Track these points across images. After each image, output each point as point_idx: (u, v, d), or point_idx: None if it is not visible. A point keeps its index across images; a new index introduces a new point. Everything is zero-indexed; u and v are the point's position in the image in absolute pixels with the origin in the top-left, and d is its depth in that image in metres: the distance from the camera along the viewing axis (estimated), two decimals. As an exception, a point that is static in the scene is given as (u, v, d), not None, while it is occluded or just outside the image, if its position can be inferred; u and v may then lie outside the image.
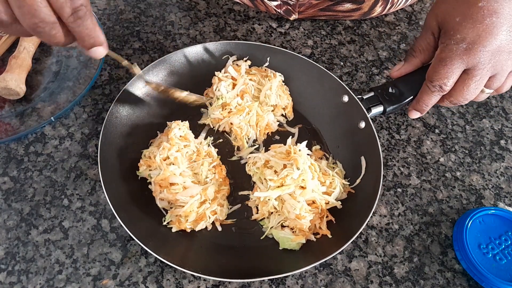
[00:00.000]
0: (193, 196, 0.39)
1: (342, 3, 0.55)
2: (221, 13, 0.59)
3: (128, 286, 0.37)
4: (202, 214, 0.39)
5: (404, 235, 0.42)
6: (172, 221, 0.39)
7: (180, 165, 0.40)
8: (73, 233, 0.40)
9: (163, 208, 0.40)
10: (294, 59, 0.49)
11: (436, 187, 0.46)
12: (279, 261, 0.38)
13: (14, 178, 0.43)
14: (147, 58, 0.53)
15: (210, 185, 0.40)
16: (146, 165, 0.41)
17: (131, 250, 0.39)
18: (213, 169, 0.42)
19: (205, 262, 0.37)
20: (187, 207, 0.38)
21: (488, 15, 0.37)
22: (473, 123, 0.51)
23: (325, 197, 0.40)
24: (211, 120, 0.47)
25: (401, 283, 0.39)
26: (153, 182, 0.40)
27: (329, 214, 0.41)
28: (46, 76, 0.50)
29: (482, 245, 0.40)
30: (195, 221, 0.39)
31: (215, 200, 0.40)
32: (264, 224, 0.41)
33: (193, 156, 0.42)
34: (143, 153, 0.42)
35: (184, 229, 0.39)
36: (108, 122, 0.42)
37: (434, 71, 0.40)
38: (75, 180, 0.43)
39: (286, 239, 0.39)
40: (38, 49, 0.51)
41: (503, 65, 0.39)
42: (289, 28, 0.58)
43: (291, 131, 0.48)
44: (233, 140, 0.47)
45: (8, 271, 0.37)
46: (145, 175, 0.41)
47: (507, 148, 0.49)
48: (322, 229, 0.40)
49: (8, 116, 0.46)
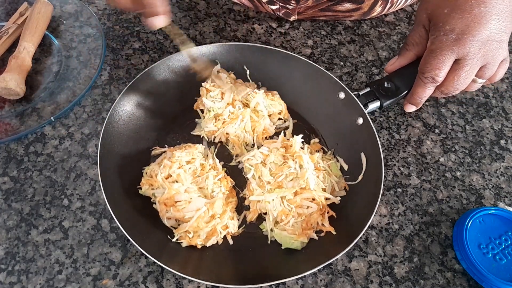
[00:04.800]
0: (199, 209, 0.38)
1: (342, 3, 0.55)
2: (221, 13, 0.59)
3: (128, 286, 0.37)
4: (213, 230, 0.38)
5: (404, 235, 0.42)
6: (181, 237, 0.38)
7: (184, 182, 0.39)
8: (73, 233, 0.40)
9: (172, 226, 0.39)
10: (287, 58, 0.48)
11: (436, 187, 0.46)
12: (283, 264, 0.38)
13: (14, 178, 0.43)
14: (147, 58, 0.53)
15: (217, 199, 0.39)
16: (148, 184, 0.40)
17: (131, 250, 0.39)
18: (219, 182, 0.41)
19: (218, 269, 0.37)
20: (193, 221, 0.37)
21: (476, 5, 0.36)
22: (473, 123, 0.51)
23: (324, 194, 0.40)
24: (205, 133, 0.46)
25: (401, 283, 0.39)
26: (157, 202, 0.39)
27: (329, 210, 0.40)
28: (46, 76, 0.50)
29: (482, 245, 0.40)
30: (206, 238, 0.38)
31: (224, 214, 0.39)
32: (264, 227, 0.41)
33: (197, 170, 0.41)
34: (144, 171, 0.41)
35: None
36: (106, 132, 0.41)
37: (425, 63, 0.40)
38: (75, 180, 0.43)
39: (288, 238, 0.39)
40: (38, 49, 0.51)
41: (494, 54, 0.38)
42: (289, 28, 0.58)
43: (287, 125, 0.48)
44: (231, 149, 0.46)
45: (8, 271, 0.37)
46: (148, 194, 0.40)
47: (507, 148, 0.49)
48: (325, 226, 0.39)
49: (8, 116, 0.46)
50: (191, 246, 0.38)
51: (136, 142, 0.44)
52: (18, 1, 0.55)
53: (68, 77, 0.50)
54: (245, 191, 0.43)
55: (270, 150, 0.41)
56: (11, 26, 0.51)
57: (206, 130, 0.46)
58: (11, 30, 0.51)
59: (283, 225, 0.39)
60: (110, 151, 0.41)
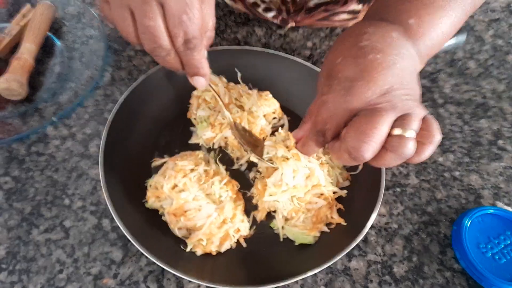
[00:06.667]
0: (210, 215, 0.37)
1: (338, 14, 0.55)
2: (222, 16, 0.59)
3: (128, 285, 0.37)
4: (225, 235, 0.38)
5: (403, 234, 0.42)
6: (195, 245, 0.38)
7: (190, 190, 0.38)
8: (74, 232, 0.40)
9: (183, 236, 0.39)
10: (276, 58, 0.49)
11: (435, 186, 0.46)
12: (298, 261, 0.38)
13: (16, 178, 0.43)
14: (148, 60, 0.54)
15: (226, 203, 0.39)
16: (154, 197, 0.39)
17: (131, 249, 0.39)
18: (225, 186, 0.41)
19: (232, 273, 0.37)
20: (206, 228, 0.37)
21: (371, 52, 0.29)
22: (471, 123, 0.52)
23: (333, 188, 0.41)
24: (203, 141, 0.46)
25: (400, 282, 0.39)
26: (167, 214, 0.39)
27: (337, 203, 0.41)
28: (48, 77, 0.50)
29: (481, 245, 0.40)
30: (219, 243, 0.38)
31: (234, 217, 0.39)
32: (274, 226, 0.41)
33: (202, 177, 0.40)
34: (148, 184, 0.41)
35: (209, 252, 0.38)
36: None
37: (316, 113, 0.31)
38: (76, 180, 0.43)
39: (300, 234, 0.39)
40: (41, 50, 0.52)
41: (406, 104, 0.28)
42: (288, 30, 0.59)
43: (282, 123, 0.48)
44: (230, 153, 0.46)
45: (9, 270, 0.37)
46: (156, 207, 0.40)
47: (505, 148, 0.50)
48: (334, 218, 0.40)
49: (10, 116, 0.46)
50: (205, 255, 0.38)
51: (137, 153, 0.44)
52: (21, 3, 0.56)
53: (70, 78, 0.50)
54: (253, 190, 0.43)
55: (275, 143, 0.40)
56: (14, 28, 0.52)
57: (204, 138, 0.45)
58: (14, 32, 0.51)
59: (294, 222, 0.40)
60: (113, 155, 0.41)
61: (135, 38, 0.31)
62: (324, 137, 0.31)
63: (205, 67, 0.35)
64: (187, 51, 0.32)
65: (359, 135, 0.27)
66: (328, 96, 0.30)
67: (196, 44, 0.32)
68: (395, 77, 0.28)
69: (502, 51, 0.60)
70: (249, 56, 0.49)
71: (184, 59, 0.33)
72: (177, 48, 0.32)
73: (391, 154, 0.27)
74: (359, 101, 0.28)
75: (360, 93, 0.28)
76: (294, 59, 0.48)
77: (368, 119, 0.27)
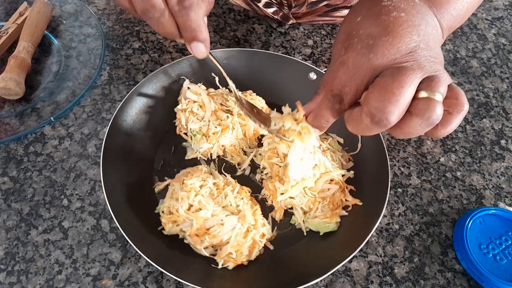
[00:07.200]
0: (234, 227, 0.37)
1: (340, 10, 0.55)
2: (221, 13, 0.59)
3: (127, 286, 0.37)
4: (253, 242, 0.37)
5: (405, 235, 0.42)
6: (225, 260, 0.37)
7: (207, 206, 0.37)
8: (73, 233, 0.40)
9: (211, 254, 0.38)
10: (255, 55, 0.49)
11: (437, 187, 0.46)
12: (326, 255, 0.38)
13: (14, 178, 0.42)
14: (146, 58, 0.53)
15: (246, 211, 0.38)
16: (170, 222, 0.38)
17: (130, 250, 0.39)
18: (238, 194, 0.40)
19: (267, 278, 0.37)
20: (233, 241, 0.36)
21: (395, 10, 0.27)
22: (474, 123, 0.51)
23: (340, 171, 0.41)
24: (201, 154, 0.45)
25: (401, 283, 0.39)
26: (188, 236, 0.37)
27: (347, 185, 0.42)
28: (45, 76, 0.50)
29: (482, 245, 0.40)
30: (249, 252, 0.38)
31: (256, 223, 0.38)
32: (295, 222, 0.41)
33: (213, 191, 0.39)
34: (159, 210, 0.39)
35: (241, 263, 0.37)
36: None
37: (333, 78, 0.28)
38: (74, 180, 0.43)
39: (322, 223, 0.39)
40: (38, 49, 0.51)
41: (433, 65, 0.26)
42: (289, 28, 0.58)
43: None
44: (230, 160, 0.45)
45: (8, 271, 0.37)
46: (175, 232, 0.38)
47: (507, 148, 0.49)
48: (349, 200, 0.40)
49: (7, 116, 0.46)
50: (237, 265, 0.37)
51: (136, 182, 0.42)
52: (18, 1, 0.55)
53: (68, 77, 0.49)
54: (264, 192, 0.42)
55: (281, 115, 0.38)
56: (10, 26, 0.51)
57: (201, 150, 0.44)
58: (10, 30, 0.51)
59: (313, 213, 0.40)
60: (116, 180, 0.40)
61: (126, 0, 0.28)
62: (341, 104, 0.28)
63: (204, 30, 0.31)
64: (182, 11, 0.29)
65: (384, 94, 0.24)
66: (348, 55, 0.27)
67: (192, 2, 0.29)
68: (421, 37, 0.26)
69: (505, 50, 0.59)
70: (224, 57, 0.48)
71: (179, 20, 0.30)
72: (171, 8, 0.29)
73: (416, 119, 0.24)
74: (383, 58, 0.25)
75: (384, 49, 0.25)
76: (274, 53, 0.49)
77: (394, 78, 0.24)
